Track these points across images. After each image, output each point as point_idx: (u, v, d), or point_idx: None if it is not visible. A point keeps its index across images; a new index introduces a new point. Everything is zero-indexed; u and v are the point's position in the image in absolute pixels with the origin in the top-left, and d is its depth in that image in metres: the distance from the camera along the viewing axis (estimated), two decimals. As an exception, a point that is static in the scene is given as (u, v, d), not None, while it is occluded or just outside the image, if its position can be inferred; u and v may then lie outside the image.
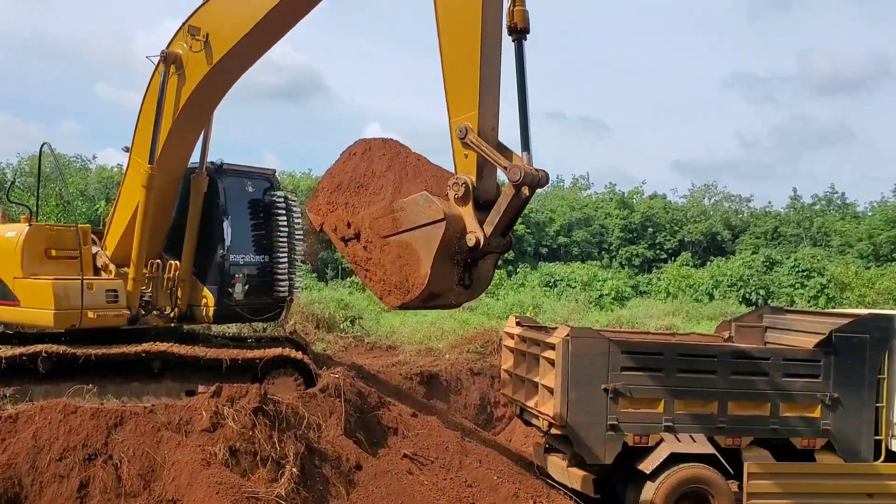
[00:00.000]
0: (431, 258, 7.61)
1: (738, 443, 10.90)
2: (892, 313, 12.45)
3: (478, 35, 7.80)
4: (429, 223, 7.65)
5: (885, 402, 11.31)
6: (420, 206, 7.78)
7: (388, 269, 8.06)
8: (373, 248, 8.18)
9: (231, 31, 10.47)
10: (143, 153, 11.35)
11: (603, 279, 44.37)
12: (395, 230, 7.91)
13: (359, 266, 8.44)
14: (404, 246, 7.83)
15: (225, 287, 12.30)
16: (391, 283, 8.00)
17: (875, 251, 60.12)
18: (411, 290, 7.77)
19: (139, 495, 8.18)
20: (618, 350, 10.69)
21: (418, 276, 7.67)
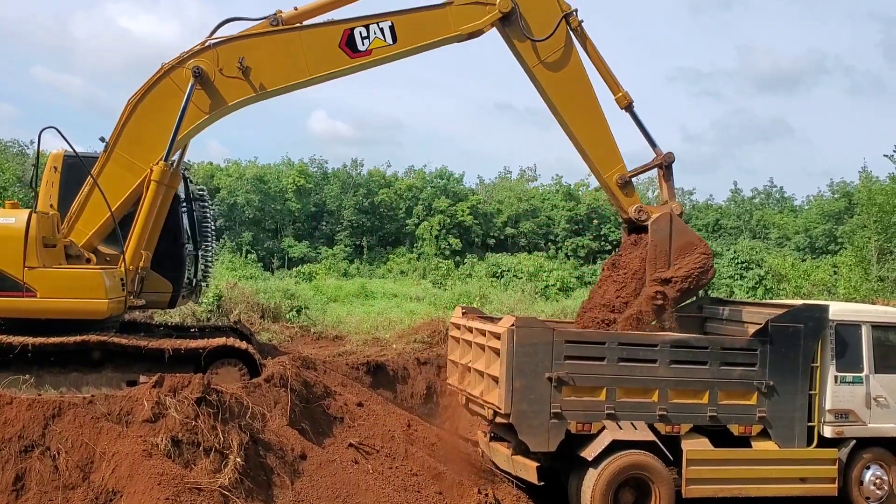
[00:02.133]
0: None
1: (677, 430, 11.16)
2: (826, 304, 12.88)
3: (595, 101, 11.61)
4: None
5: (818, 389, 11.70)
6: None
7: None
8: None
9: (277, 77, 11.73)
10: (136, 150, 11.62)
11: (549, 270, 44.78)
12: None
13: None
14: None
15: (181, 276, 12.83)
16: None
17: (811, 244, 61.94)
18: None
19: (77, 487, 8.04)
20: (561, 339, 10.83)
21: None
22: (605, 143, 11.82)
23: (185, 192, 13.36)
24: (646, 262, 11.46)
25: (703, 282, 11.53)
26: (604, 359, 10.91)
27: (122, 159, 11.68)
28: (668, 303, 11.37)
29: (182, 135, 11.67)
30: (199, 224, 13.60)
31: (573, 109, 11.73)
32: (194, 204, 13.57)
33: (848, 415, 11.86)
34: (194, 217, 13.52)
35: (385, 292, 35.98)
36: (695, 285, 11.44)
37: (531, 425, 10.59)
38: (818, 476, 11.63)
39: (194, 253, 13.44)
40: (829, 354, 11.79)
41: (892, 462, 12.13)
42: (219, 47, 11.61)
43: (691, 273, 11.36)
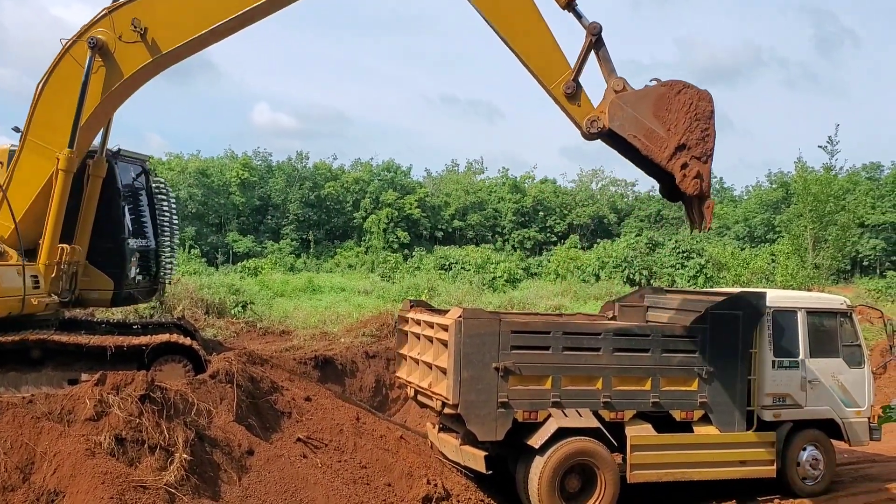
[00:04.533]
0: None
1: (621, 416, 11.36)
2: (763, 291, 13.24)
3: (530, 4, 9.85)
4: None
5: (757, 374, 12.03)
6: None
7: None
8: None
9: (176, 32, 10.60)
10: (48, 136, 11.05)
11: (496, 262, 45.12)
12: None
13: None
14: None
15: (124, 271, 12.38)
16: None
17: (750, 233, 63.48)
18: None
19: (18, 489, 7.86)
20: (507, 330, 10.94)
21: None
22: (546, 51, 9.87)
23: (146, 185, 13.02)
24: (647, 154, 9.66)
25: (707, 111, 9.61)
26: (549, 348, 11.04)
27: (35, 146, 11.17)
28: (703, 160, 9.63)
29: (88, 115, 10.96)
30: (160, 218, 13.24)
31: (505, 15, 9.85)
32: (154, 198, 13.18)
33: (785, 398, 12.23)
34: (153, 211, 13.11)
35: (333, 286, 35.82)
36: (707, 123, 9.55)
37: (479, 415, 10.68)
38: (757, 459, 11.97)
39: (151, 249, 13.06)
40: (767, 340, 12.13)
41: (826, 443, 12.56)
42: (114, 13, 10.80)
43: (690, 117, 9.52)
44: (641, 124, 9.43)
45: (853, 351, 12.83)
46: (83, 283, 12.14)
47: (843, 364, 12.66)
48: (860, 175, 65.81)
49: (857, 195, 45.98)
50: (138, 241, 12.76)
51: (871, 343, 20.40)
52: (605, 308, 14.34)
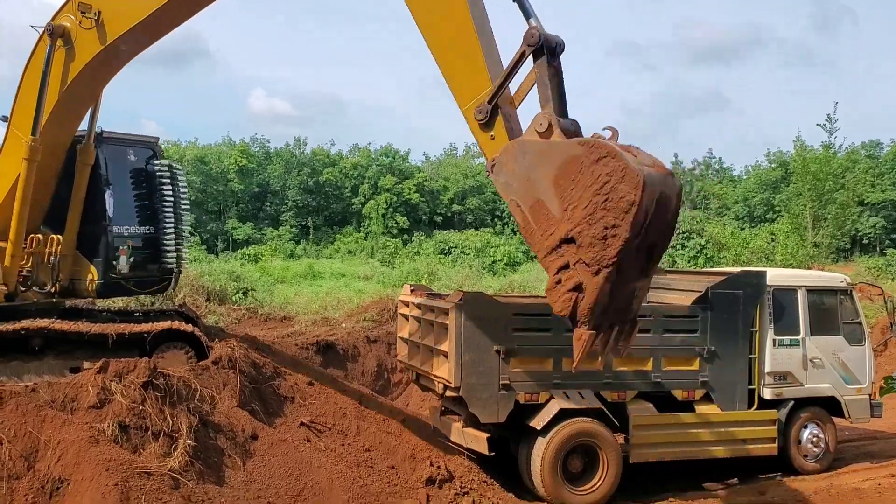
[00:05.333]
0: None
1: (623, 397, 11.40)
2: (763, 270, 13.26)
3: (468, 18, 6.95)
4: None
5: (758, 353, 12.06)
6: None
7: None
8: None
9: (126, 14, 9.98)
10: (24, 125, 10.80)
11: (496, 245, 45.13)
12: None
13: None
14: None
15: (109, 260, 11.88)
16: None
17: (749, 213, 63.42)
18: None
19: (22, 477, 7.89)
20: (508, 313, 10.95)
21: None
22: (468, 68, 7.16)
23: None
24: (525, 234, 6.78)
25: (626, 202, 5.94)
26: (550, 330, 11.06)
27: (14, 135, 11.01)
28: (594, 271, 6.14)
29: (55, 104, 10.62)
30: (160, 204, 12.53)
31: (435, 22, 7.41)
32: (154, 182, 12.52)
33: (786, 376, 12.27)
34: (159, 197, 12.51)
35: (333, 272, 35.87)
36: (619, 220, 5.93)
37: (480, 398, 10.71)
38: (759, 437, 12.02)
39: (151, 237, 12.43)
40: (768, 319, 12.15)
41: (827, 420, 12.61)
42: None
43: (598, 202, 6.00)
44: (531, 190, 6.27)
45: (854, 328, 12.86)
46: (73, 272, 11.93)
47: (844, 342, 12.69)
48: (859, 153, 65.68)
49: (856, 173, 45.86)
50: (131, 228, 12.24)
51: (872, 320, 20.43)
52: (606, 289, 14.31)
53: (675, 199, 6.14)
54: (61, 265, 11.73)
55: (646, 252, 6.09)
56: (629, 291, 6.21)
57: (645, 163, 6.02)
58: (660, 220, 6.00)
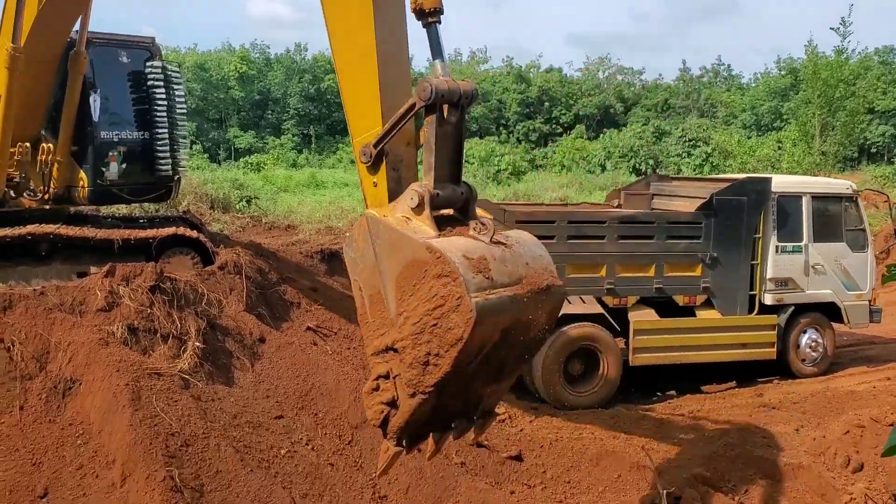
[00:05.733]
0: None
1: (624, 302, 11.52)
2: (768, 176, 13.17)
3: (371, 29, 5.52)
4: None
5: (760, 259, 12.11)
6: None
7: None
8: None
9: None
10: (6, 32, 10.47)
11: (500, 154, 44.77)
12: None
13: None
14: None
15: (98, 167, 11.70)
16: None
17: (757, 121, 62.59)
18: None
19: (35, 377, 8.06)
20: (512, 220, 10.95)
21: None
22: (362, 101, 5.74)
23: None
24: (360, 320, 5.53)
25: (453, 337, 4.88)
26: (553, 237, 11.09)
27: (1, 44, 10.72)
28: (410, 392, 5.12)
29: (40, 10, 10.21)
30: (154, 108, 12.24)
31: (341, 35, 5.87)
32: (147, 85, 12.23)
33: (787, 282, 12.36)
34: (152, 101, 12.21)
35: (336, 182, 35.75)
36: (444, 352, 4.90)
37: (484, 304, 10.80)
38: (758, 341, 12.19)
39: (145, 142, 12.22)
40: (771, 226, 12.15)
41: (826, 326, 12.76)
42: None
43: (428, 323, 5.04)
44: (375, 279, 5.27)
45: (857, 235, 12.87)
46: (69, 179, 11.83)
47: (847, 248, 12.72)
48: (872, 59, 64.29)
49: (868, 80, 45.07)
50: (122, 133, 12.00)
51: (876, 228, 20.44)
52: (611, 197, 14.31)
53: (546, 315, 5.02)
54: (56, 172, 11.63)
55: (496, 367, 5.07)
56: (471, 397, 5.24)
57: (503, 281, 4.72)
58: (514, 342, 4.97)
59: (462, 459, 8.55)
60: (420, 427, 5.23)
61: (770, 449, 9.34)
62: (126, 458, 7.01)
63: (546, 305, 5.02)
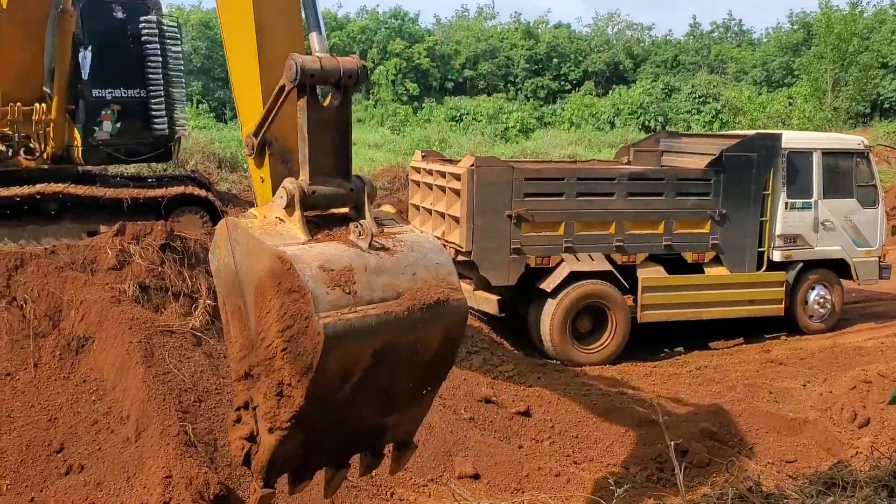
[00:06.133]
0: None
1: (633, 259, 11.53)
2: (779, 133, 13.07)
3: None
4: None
5: (769, 216, 12.08)
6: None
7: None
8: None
9: None
10: None
11: (508, 112, 44.48)
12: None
13: None
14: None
15: (90, 125, 11.57)
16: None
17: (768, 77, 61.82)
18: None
19: (48, 335, 8.14)
20: (521, 177, 10.94)
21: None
22: (248, 82, 4.86)
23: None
24: (226, 339, 4.90)
25: (303, 363, 3.97)
26: (562, 194, 11.08)
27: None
28: (269, 429, 4.30)
29: None
30: (148, 65, 11.98)
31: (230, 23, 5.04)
32: (142, 42, 11.96)
33: (796, 239, 12.33)
34: (146, 57, 11.98)
35: (343, 139, 35.53)
36: (295, 382, 4.04)
37: (492, 262, 10.86)
38: (766, 298, 12.21)
39: (141, 100, 12.01)
40: (781, 182, 12.09)
41: (835, 282, 12.76)
42: None
43: (281, 344, 4.05)
44: (236, 293, 4.47)
45: (868, 191, 12.80)
46: (67, 139, 11.78)
47: (857, 205, 12.66)
48: (887, 12, 63.21)
49: (882, 33, 44.37)
50: (115, 91, 11.75)
51: (887, 184, 20.31)
52: (620, 153, 14.25)
53: (441, 334, 4.23)
54: (53, 132, 11.57)
55: (382, 396, 4.31)
56: (360, 430, 4.47)
57: (371, 297, 3.97)
58: (396, 367, 4.19)
59: (471, 415, 8.65)
60: (296, 465, 4.42)
61: (776, 404, 9.42)
62: (140, 413, 7.11)
63: (439, 324, 4.18)
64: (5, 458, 6.96)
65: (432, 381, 4.50)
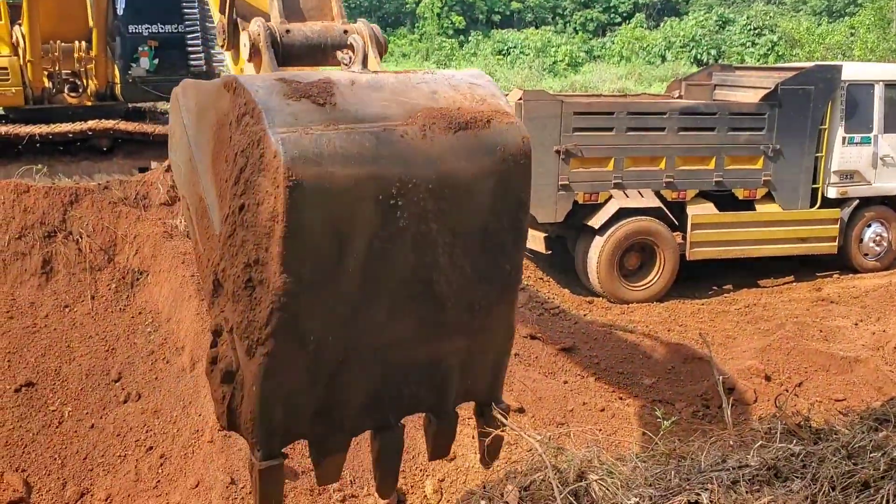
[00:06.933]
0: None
1: (683, 196, 11.33)
2: (838, 64, 12.59)
3: None
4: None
5: (825, 151, 11.73)
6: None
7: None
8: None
9: None
10: None
11: (557, 45, 43.61)
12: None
13: None
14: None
15: (127, 62, 11.62)
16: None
17: (829, 6, 59.27)
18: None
19: (104, 268, 8.38)
20: (570, 111, 10.75)
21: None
22: None
23: None
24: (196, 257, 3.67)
25: (266, 213, 2.65)
26: (612, 129, 10.89)
27: None
28: (248, 351, 2.86)
29: None
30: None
31: None
32: None
33: (853, 175, 11.97)
34: None
35: (388, 75, 35.31)
36: (263, 252, 2.68)
37: (539, 198, 10.74)
38: (819, 236, 11.94)
39: (175, 36, 11.99)
40: (839, 116, 11.70)
41: (892, 219, 12.39)
42: None
43: (234, 208, 2.77)
44: (193, 176, 3.26)
45: (932, 125, 12.31)
46: (109, 76, 11.94)
47: (921, 139, 12.21)
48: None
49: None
50: (152, 27, 11.68)
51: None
52: (672, 87, 13.89)
53: (492, 174, 2.90)
54: (96, 69, 11.70)
55: (425, 297, 2.94)
56: (410, 365, 3.05)
57: (361, 113, 2.74)
58: (435, 232, 2.84)
59: (516, 351, 8.71)
60: (312, 422, 2.98)
61: (827, 343, 9.29)
62: (194, 345, 7.31)
63: (482, 158, 2.82)
64: (67, 385, 7.24)
65: (498, 267, 3.00)
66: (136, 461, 6.66)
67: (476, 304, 3.00)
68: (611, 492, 2.71)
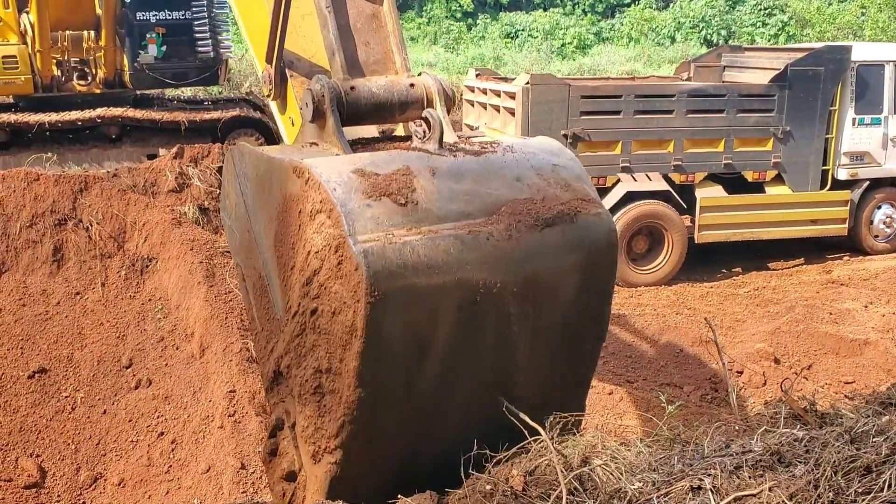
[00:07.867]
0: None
1: (691, 179, 11.29)
2: (848, 44, 12.47)
3: None
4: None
5: (835, 133, 11.66)
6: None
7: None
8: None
9: None
10: None
11: (565, 27, 43.33)
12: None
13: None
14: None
15: (135, 49, 11.68)
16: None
17: (840, -14, 58.64)
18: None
19: (114, 255, 8.44)
20: (577, 95, 10.71)
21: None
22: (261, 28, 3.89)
23: None
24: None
25: (343, 325, 2.51)
26: (620, 112, 10.83)
27: None
28: (310, 453, 2.82)
29: None
30: None
31: None
32: None
33: (863, 157, 11.89)
34: None
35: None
36: (338, 362, 2.57)
37: (547, 181, 10.72)
38: (829, 217, 11.89)
39: (184, 23, 12.04)
40: (849, 97, 11.61)
41: (903, 201, 12.33)
42: None
43: (304, 309, 2.68)
44: (253, 253, 3.16)
45: (943, 106, 12.20)
46: (118, 64, 12.00)
47: (931, 120, 12.11)
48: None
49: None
50: (159, 14, 11.72)
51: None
52: (680, 69, 13.81)
53: (578, 268, 2.86)
54: (104, 57, 11.75)
55: (501, 388, 2.82)
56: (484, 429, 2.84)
57: (445, 211, 2.60)
58: (518, 330, 2.73)
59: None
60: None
61: (836, 325, 9.27)
62: (203, 331, 7.37)
63: (569, 253, 2.75)
64: (79, 372, 7.32)
65: (577, 354, 2.89)
66: (148, 446, 6.73)
67: (548, 405, 2.89)
68: (614, 477, 2.74)
